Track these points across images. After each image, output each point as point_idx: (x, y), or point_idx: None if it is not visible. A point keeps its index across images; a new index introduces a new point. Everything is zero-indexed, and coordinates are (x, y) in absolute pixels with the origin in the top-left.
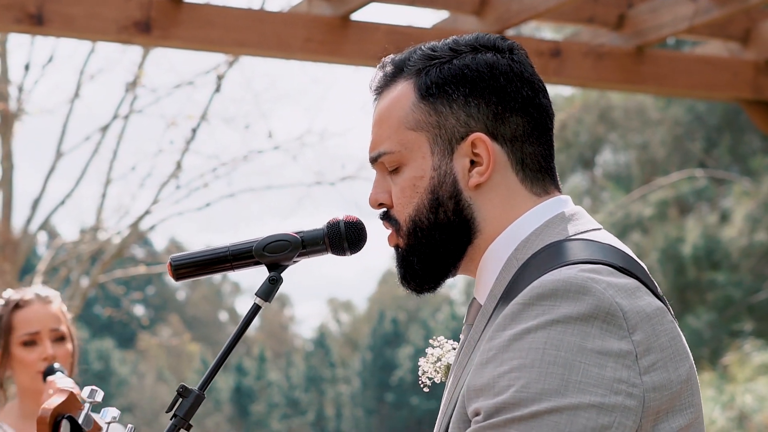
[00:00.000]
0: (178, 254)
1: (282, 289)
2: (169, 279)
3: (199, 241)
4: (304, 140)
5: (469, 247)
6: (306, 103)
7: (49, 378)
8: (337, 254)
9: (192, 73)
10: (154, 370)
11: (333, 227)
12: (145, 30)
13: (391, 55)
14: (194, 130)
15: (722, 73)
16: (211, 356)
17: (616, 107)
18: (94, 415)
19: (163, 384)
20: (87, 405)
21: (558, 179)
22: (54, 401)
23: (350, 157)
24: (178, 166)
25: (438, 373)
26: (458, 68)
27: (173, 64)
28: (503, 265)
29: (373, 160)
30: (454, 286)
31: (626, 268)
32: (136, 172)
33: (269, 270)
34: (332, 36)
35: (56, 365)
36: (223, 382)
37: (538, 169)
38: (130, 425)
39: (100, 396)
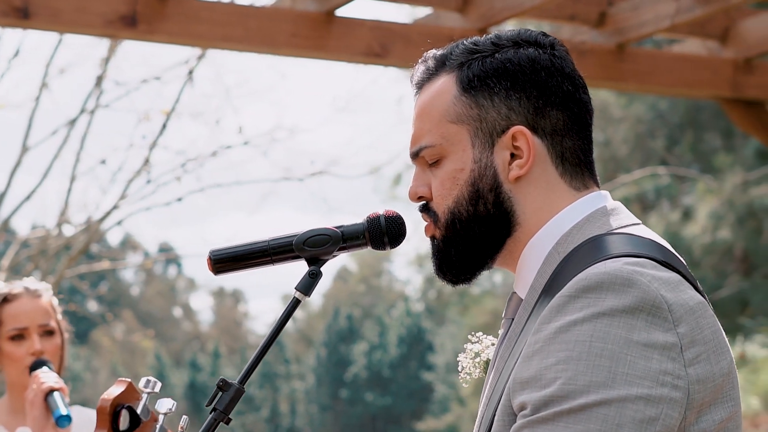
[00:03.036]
0: (217, 248)
1: (236, 284)
2: (123, 274)
3: (155, 236)
4: (274, 136)
5: (508, 240)
6: (274, 99)
7: (34, 372)
8: (376, 248)
9: (162, 68)
10: (108, 366)
11: (373, 222)
12: (131, 24)
13: (433, 50)
14: (164, 125)
15: (702, 71)
16: (165, 352)
17: None
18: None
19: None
20: (145, 395)
21: (596, 174)
22: (113, 391)
23: (319, 153)
24: (146, 161)
25: (477, 368)
26: (500, 62)
27: (146, 58)
28: (544, 258)
29: (414, 155)
30: (408, 282)
31: (668, 262)
32: (102, 167)
33: (309, 264)
34: (317, 31)
35: (44, 359)
36: (177, 378)
37: (578, 164)
38: (184, 417)
39: (158, 387)
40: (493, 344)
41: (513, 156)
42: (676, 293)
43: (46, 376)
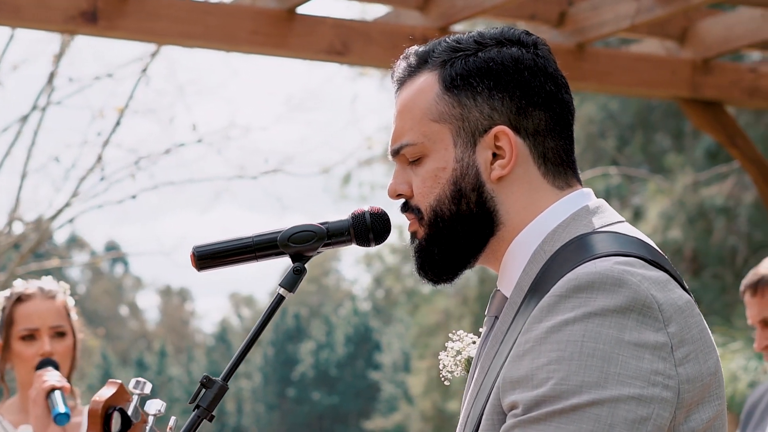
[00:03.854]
0: (200, 244)
1: (183, 283)
2: (69, 273)
3: (104, 233)
4: (227, 133)
5: (491, 239)
6: (228, 96)
7: (37, 371)
8: (361, 245)
9: (116, 65)
10: None
11: (358, 218)
12: (91, 20)
13: (415, 47)
14: (118, 122)
15: (661, 71)
16: (112, 351)
17: None
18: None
19: None
20: (135, 397)
21: (579, 173)
22: (104, 393)
23: (273, 151)
24: (99, 158)
25: (458, 366)
26: (483, 61)
27: (100, 54)
28: (530, 257)
29: (395, 153)
30: (356, 281)
31: (656, 260)
32: (54, 164)
33: (293, 260)
34: (278, 29)
35: (50, 359)
36: (124, 377)
37: (560, 163)
38: (173, 417)
39: (148, 388)
40: (473, 342)
41: (495, 156)
42: (665, 293)
43: (49, 375)
